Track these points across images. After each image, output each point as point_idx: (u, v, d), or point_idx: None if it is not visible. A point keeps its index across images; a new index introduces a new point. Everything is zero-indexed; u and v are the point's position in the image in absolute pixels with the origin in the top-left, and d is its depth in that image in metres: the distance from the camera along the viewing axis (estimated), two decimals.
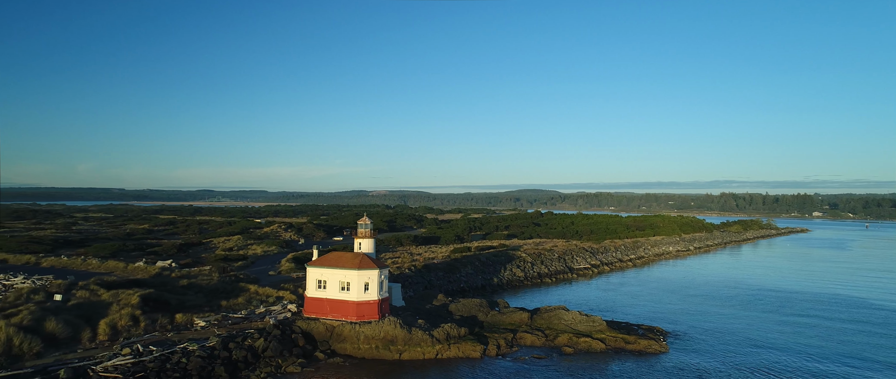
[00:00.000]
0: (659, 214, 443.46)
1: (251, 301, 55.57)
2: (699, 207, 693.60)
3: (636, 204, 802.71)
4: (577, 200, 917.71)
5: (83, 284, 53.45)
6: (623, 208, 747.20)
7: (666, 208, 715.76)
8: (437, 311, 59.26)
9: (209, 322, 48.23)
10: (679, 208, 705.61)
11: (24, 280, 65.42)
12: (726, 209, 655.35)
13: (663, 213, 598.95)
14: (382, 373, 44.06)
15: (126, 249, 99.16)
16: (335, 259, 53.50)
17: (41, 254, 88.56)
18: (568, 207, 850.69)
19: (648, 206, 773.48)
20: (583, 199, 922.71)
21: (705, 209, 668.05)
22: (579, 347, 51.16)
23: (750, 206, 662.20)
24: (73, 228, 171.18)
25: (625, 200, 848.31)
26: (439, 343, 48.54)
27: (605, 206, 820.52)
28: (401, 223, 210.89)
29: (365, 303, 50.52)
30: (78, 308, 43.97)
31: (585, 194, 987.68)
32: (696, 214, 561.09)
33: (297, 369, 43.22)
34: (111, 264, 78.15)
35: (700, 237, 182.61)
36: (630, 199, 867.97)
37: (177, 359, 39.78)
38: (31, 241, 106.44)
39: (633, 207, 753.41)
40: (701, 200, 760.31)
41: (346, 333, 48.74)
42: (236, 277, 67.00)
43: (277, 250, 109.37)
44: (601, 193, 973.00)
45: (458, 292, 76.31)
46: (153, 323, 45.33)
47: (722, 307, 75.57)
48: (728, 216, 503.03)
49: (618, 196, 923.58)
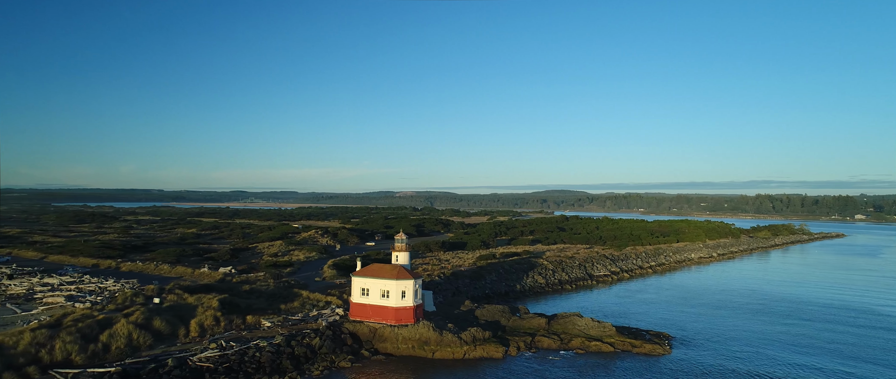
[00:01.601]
0: (688, 217, 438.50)
1: (304, 305, 64.54)
2: (733, 210, 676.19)
3: (667, 206, 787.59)
4: (605, 202, 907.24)
5: (169, 288, 63.71)
6: (653, 210, 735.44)
7: (698, 210, 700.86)
8: (465, 315, 66.91)
9: (273, 323, 57.33)
10: (711, 210, 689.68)
11: (114, 283, 76.73)
12: (761, 211, 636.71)
13: (694, 215, 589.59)
14: (418, 370, 51.97)
15: (186, 255, 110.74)
16: (376, 270, 61.84)
17: (119, 259, 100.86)
18: (596, 208, 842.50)
19: (679, 207, 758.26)
20: (611, 200, 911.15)
21: (739, 211, 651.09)
22: (590, 349, 57.92)
23: (787, 208, 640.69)
24: (131, 232, 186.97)
25: (655, 202, 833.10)
26: (466, 344, 56.15)
27: (634, 207, 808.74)
28: (429, 228, 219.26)
29: (402, 308, 58.65)
30: (172, 309, 53.73)
31: (614, 195, 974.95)
32: (729, 217, 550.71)
33: (347, 365, 51.68)
34: (180, 269, 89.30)
35: (725, 243, 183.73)
36: (660, 200, 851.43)
37: (252, 353, 48.81)
38: (104, 246, 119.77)
39: (664, 209, 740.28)
40: (735, 201, 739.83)
41: (386, 334, 56.96)
42: (288, 283, 76.42)
43: (317, 256, 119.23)
44: (630, 195, 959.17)
45: (483, 298, 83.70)
46: (230, 323, 54.72)
47: (733, 315, 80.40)
48: (762, 219, 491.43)
49: (647, 197, 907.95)
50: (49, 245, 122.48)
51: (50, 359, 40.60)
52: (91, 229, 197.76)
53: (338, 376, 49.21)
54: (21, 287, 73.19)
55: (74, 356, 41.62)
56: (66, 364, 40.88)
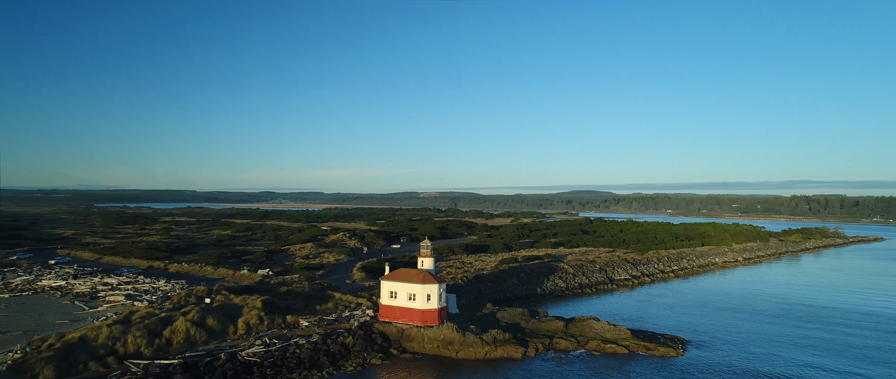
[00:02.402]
0: (717, 219, 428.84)
1: (337, 306, 69.71)
2: (766, 211, 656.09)
3: (696, 207, 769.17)
4: (631, 203, 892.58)
5: (215, 288, 70.03)
6: (681, 212, 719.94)
7: (728, 212, 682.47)
8: (486, 318, 70.86)
9: (310, 323, 62.59)
10: (743, 212, 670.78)
11: (165, 283, 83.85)
12: (797, 213, 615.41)
13: (724, 217, 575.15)
14: (443, 368, 56.21)
15: (225, 257, 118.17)
16: (403, 274, 66.42)
17: (167, 260, 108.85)
18: (622, 209, 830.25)
19: (709, 209, 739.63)
20: (638, 201, 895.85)
21: (773, 213, 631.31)
22: (606, 351, 61.07)
23: (824, 210, 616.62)
24: (172, 233, 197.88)
25: (683, 203, 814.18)
26: (488, 345, 60.11)
27: (661, 209, 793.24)
28: (452, 231, 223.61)
29: (428, 311, 63.04)
30: (221, 309, 59.59)
31: (641, 196, 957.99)
32: (762, 219, 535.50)
33: (378, 362, 56.37)
34: (222, 271, 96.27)
35: (751, 247, 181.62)
36: (689, 201, 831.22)
37: (292, 350, 54.01)
38: (151, 247, 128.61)
39: (692, 211, 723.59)
40: (769, 202, 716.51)
41: (413, 334, 61.45)
42: (322, 285, 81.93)
43: (346, 259, 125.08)
44: (658, 196, 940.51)
45: (505, 301, 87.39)
46: (272, 322, 60.24)
47: (751, 319, 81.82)
48: (797, 222, 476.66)
49: (676, 198, 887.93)
50: (102, 246, 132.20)
51: (124, 351, 46.63)
52: (135, 231, 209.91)
53: (369, 373, 53.90)
54: (85, 286, 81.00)
55: (143, 349, 47.58)
56: (137, 356, 46.85)
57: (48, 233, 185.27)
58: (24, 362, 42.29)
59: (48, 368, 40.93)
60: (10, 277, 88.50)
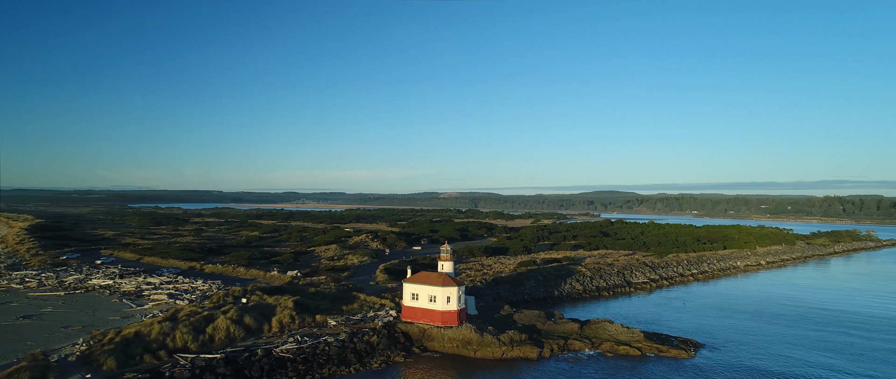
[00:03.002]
0: (744, 221, 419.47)
1: (362, 307, 73.85)
2: (797, 212, 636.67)
3: (722, 208, 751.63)
4: (655, 204, 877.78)
5: (249, 289, 75.12)
6: (706, 213, 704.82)
7: (757, 213, 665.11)
8: (504, 319, 73.95)
9: (338, 322, 66.82)
10: (772, 213, 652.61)
11: (202, 283, 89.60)
12: (830, 215, 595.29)
13: (752, 218, 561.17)
14: (462, 367, 59.60)
15: (255, 258, 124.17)
16: (424, 277, 70.06)
17: (202, 261, 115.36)
18: (645, 210, 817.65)
19: (737, 210, 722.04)
20: (662, 202, 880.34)
21: (804, 214, 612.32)
22: (618, 353, 63.50)
23: (860, 211, 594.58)
24: (203, 234, 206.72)
25: (710, 204, 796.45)
26: (504, 345, 63.23)
27: (686, 210, 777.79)
28: (472, 232, 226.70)
29: (447, 312, 66.54)
30: (256, 308, 64.35)
31: (665, 197, 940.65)
32: (792, 221, 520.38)
33: (401, 360, 60.16)
34: (253, 272, 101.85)
35: (776, 251, 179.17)
36: (716, 202, 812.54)
37: (322, 347, 58.23)
38: (185, 248, 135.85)
39: (719, 212, 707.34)
40: (800, 203, 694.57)
41: (434, 334, 65.03)
42: (347, 286, 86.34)
43: (369, 260, 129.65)
44: (683, 196, 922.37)
45: (522, 303, 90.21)
46: (303, 321, 64.69)
47: (767, 323, 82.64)
48: (829, 223, 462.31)
49: (702, 199, 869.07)
50: (141, 247, 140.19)
51: (173, 345, 51.56)
52: (169, 231, 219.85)
53: (393, 370, 57.70)
54: (130, 285, 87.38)
55: (190, 344, 52.45)
56: (184, 350, 51.72)
57: (90, 233, 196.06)
58: (90, 354, 47.52)
59: (111, 360, 46.01)
60: (63, 276, 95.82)
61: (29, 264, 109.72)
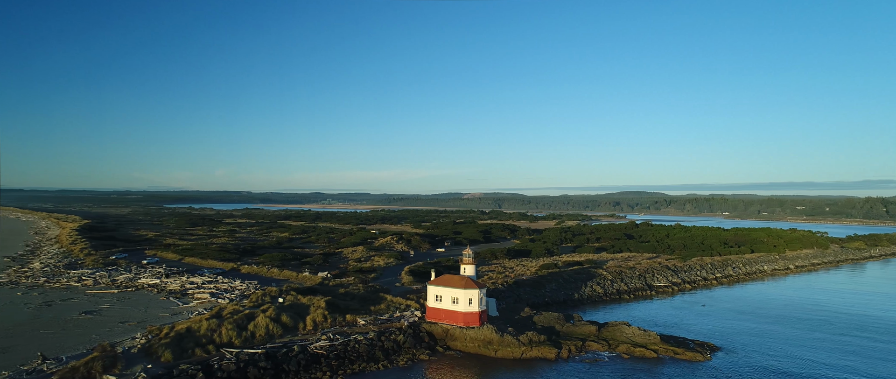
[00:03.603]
0: (777, 222, 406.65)
1: (389, 307, 78.09)
2: (835, 214, 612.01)
3: (755, 209, 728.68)
4: (684, 205, 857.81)
5: (284, 289, 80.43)
6: (738, 214, 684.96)
7: (792, 214, 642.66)
8: (524, 321, 76.97)
9: (366, 321, 71.21)
10: (809, 215, 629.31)
11: (240, 283, 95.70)
12: (871, 217, 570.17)
13: (787, 220, 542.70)
14: (483, 365, 63.01)
15: (287, 259, 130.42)
16: (447, 280, 73.75)
17: (238, 262, 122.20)
18: (674, 211, 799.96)
19: (771, 211, 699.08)
20: (691, 203, 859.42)
21: (844, 216, 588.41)
22: (635, 354, 65.74)
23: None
24: (236, 235, 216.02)
25: (742, 205, 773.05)
26: (524, 346, 66.32)
27: (717, 211, 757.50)
28: (495, 234, 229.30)
29: (469, 313, 70.07)
30: (292, 308, 69.36)
31: (695, 198, 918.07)
32: (830, 223, 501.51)
33: (426, 358, 64.01)
34: (287, 273, 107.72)
35: (806, 255, 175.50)
36: (748, 203, 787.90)
37: (352, 344, 62.61)
38: (222, 249, 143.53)
39: (751, 214, 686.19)
40: (839, 204, 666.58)
41: (456, 334, 68.66)
42: (375, 287, 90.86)
43: (395, 262, 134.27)
44: (714, 197, 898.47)
45: (542, 306, 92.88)
46: (335, 320, 69.32)
47: (788, 328, 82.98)
48: (870, 226, 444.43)
49: (733, 200, 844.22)
50: (181, 248, 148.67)
51: (219, 341, 56.78)
52: (204, 232, 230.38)
53: (418, 367, 61.56)
54: (175, 284, 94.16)
55: (234, 339, 57.61)
56: (229, 345, 56.89)
57: (134, 234, 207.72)
58: (150, 347, 53.11)
59: (167, 352, 51.42)
60: (114, 275, 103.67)
61: (84, 264, 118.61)
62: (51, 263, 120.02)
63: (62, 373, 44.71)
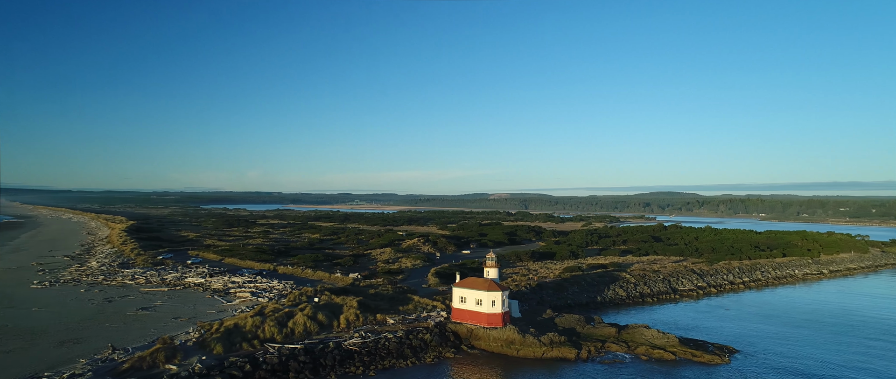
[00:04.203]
0: (813, 226, 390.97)
1: (417, 307, 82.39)
2: (883, 216, 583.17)
3: (794, 211, 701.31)
4: (717, 206, 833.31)
5: (319, 289, 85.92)
6: (776, 216, 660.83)
7: (835, 216, 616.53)
8: (545, 322, 79.94)
9: (395, 320, 75.69)
10: (853, 217, 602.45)
11: (278, 283, 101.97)
12: None
13: (829, 222, 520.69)
14: (506, 364, 66.45)
15: (319, 260, 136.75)
16: (472, 282, 77.47)
17: (274, 262, 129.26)
18: (706, 213, 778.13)
19: (811, 212, 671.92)
20: (725, 204, 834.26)
21: (891, 218, 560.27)
22: (653, 356, 67.87)
23: None
24: (270, 236, 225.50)
25: (780, 207, 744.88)
26: (544, 346, 69.41)
27: (752, 212, 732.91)
28: (521, 236, 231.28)
29: (493, 314, 73.61)
30: (327, 307, 74.53)
31: (730, 198, 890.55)
32: (876, 225, 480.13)
33: (451, 356, 67.95)
34: (320, 274, 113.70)
35: (841, 259, 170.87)
36: (787, 204, 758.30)
37: (383, 342, 67.11)
38: (258, 250, 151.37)
39: (790, 215, 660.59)
40: (887, 206, 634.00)
41: (480, 334, 72.31)
42: (402, 288, 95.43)
43: (421, 264, 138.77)
44: (750, 198, 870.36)
45: (565, 308, 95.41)
46: (366, 319, 74.10)
47: (811, 333, 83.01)
48: None
49: (771, 201, 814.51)
50: (220, 248, 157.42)
51: (263, 336, 62.25)
52: (241, 233, 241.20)
53: (444, 364, 65.53)
54: (218, 284, 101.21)
55: (276, 335, 62.99)
56: (271, 340, 62.29)
57: (176, 235, 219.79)
58: (203, 340, 58.97)
59: (219, 346, 57.11)
60: (163, 274, 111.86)
61: (135, 263, 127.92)
62: (106, 262, 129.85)
63: (132, 362, 50.75)
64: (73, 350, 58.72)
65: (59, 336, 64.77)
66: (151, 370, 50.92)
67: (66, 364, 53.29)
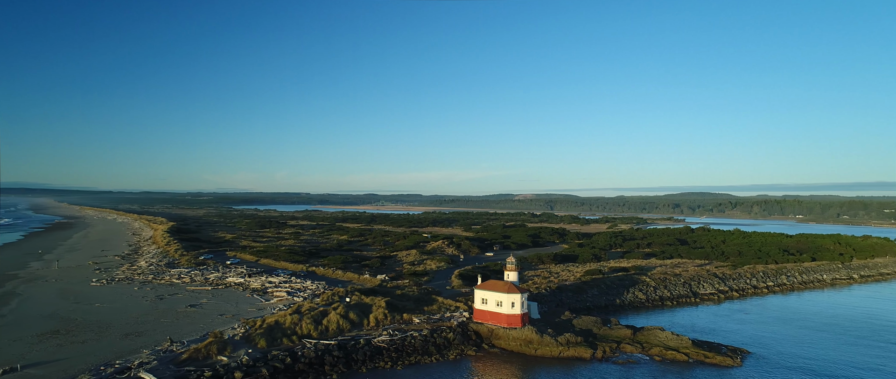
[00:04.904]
0: (853, 228, 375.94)
1: (440, 308, 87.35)
2: None
3: (834, 212, 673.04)
4: (751, 207, 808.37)
5: (349, 290, 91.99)
6: (814, 218, 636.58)
7: (879, 218, 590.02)
8: (563, 324, 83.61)
9: (420, 320, 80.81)
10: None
11: (311, 283, 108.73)
12: None
13: (872, 225, 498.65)
14: (524, 362, 70.60)
15: (348, 261, 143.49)
16: (492, 285, 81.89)
17: (307, 264, 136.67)
18: (739, 214, 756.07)
19: (853, 214, 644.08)
20: (760, 205, 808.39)
21: None
22: (666, 357, 70.80)
23: None
24: (301, 238, 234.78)
25: (819, 208, 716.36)
26: (561, 346, 73.22)
27: (789, 214, 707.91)
28: (544, 239, 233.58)
29: (512, 315, 77.84)
30: (357, 306, 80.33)
31: (765, 199, 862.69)
32: None
33: (472, 353, 72.56)
34: (349, 275, 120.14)
35: (874, 264, 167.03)
36: (827, 205, 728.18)
37: (409, 340, 72.27)
38: (291, 252, 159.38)
39: (830, 217, 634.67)
40: None
41: (500, 334, 76.66)
42: (427, 290, 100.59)
43: (446, 266, 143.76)
44: (787, 199, 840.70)
45: (583, 310, 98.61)
46: (393, 318, 79.52)
47: (829, 338, 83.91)
48: None
49: (809, 202, 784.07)
50: (255, 249, 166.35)
51: (300, 332, 68.34)
52: (273, 234, 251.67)
53: (466, 361, 70.19)
54: (257, 283, 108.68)
55: (312, 332, 69.00)
56: (308, 336, 68.32)
57: (214, 236, 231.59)
58: (248, 335, 65.49)
59: (262, 340, 63.46)
60: (206, 274, 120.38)
61: (180, 263, 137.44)
62: (154, 262, 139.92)
63: (189, 353, 57.45)
64: (136, 342, 66.13)
65: (122, 329, 72.58)
66: (206, 361, 57.48)
67: (132, 353, 60.49)
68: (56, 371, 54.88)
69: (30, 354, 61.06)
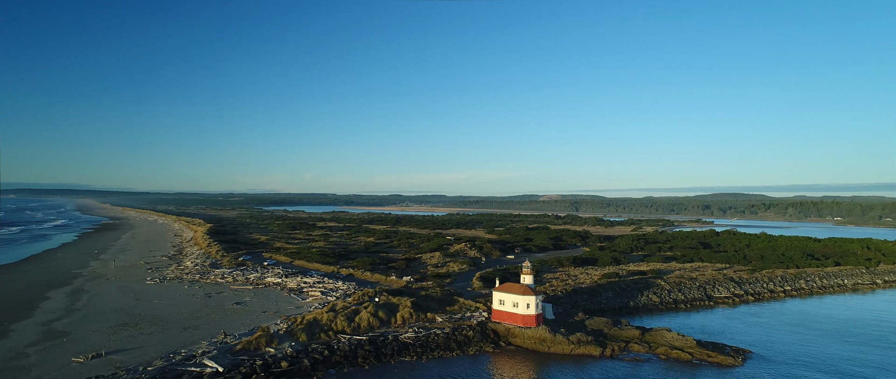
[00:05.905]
0: (878, 234, 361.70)
1: (462, 309, 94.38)
2: None
3: (876, 214, 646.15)
4: (786, 209, 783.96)
5: (377, 290, 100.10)
6: (853, 221, 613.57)
7: None
8: (576, 324, 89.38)
9: (443, 319, 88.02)
10: None
11: (342, 284, 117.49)
12: None
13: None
14: (538, 358, 76.84)
15: (375, 263, 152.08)
16: (509, 287, 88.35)
17: (337, 265, 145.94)
18: (773, 216, 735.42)
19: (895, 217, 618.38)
20: (795, 207, 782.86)
21: None
22: (671, 356, 75.87)
23: None
24: (330, 239, 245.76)
25: (859, 210, 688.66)
26: (572, 344, 79.15)
27: (826, 216, 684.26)
28: (566, 241, 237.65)
29: (527, 316, 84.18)
30: (385, 306, 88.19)
31: (801, 200, 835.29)
32: None
33: (491, 350, 79.26)
34: (377, 276, 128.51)
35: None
36: (868, 207, 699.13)
37: (433, 337, 79.53)
38: (322, 253, 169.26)
39: (871, 220, 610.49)
40: None
41: (516, 333, 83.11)
42: (450, 291, 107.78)
43: (468, 268, 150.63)
44: (824, 200, 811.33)
45: (598, 312, 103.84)
46: (418, 317, 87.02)
47: (837, 341, 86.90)
48: None
49: (849, 203, 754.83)
50: (289, 251, 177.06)
51: (335, 328, 76.52)
52: (304, 235, 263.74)
53: (485, 357, 76.93)
54: (293, 283, 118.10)
55: (345, 328, 77.11)
56: (342, 332, 76.45)
57: (249, 237, 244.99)
58: (291, 330, 74.09)
59: (303, 334, 71.88)
60: (247, 274, 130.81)
61: (222, 264, 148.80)
62: (198, 262, 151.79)
63: (242, 344, 66.26)
64: (194, 335, 75.61)
65: (180, 323, 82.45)
66: (256, 351, 66.17)
67: (192, 345, 69.78)
68: (133, 357, 64.47)
69: (108, 343, 71.15)
